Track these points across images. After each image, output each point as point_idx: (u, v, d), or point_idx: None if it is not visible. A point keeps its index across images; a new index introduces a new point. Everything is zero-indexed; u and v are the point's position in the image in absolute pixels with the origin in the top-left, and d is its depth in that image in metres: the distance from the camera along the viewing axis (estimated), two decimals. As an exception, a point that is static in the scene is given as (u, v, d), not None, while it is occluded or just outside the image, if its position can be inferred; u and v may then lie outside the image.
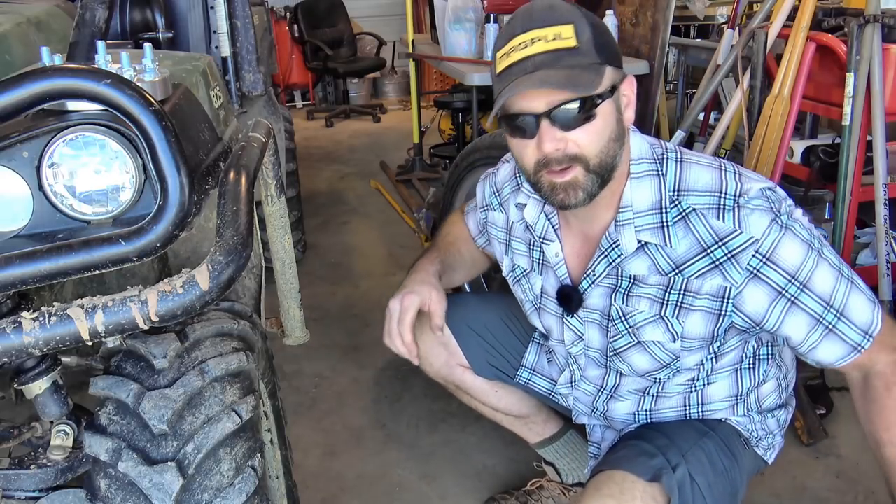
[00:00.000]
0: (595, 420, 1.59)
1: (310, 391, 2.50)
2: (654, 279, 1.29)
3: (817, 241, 1.24)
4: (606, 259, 1.33)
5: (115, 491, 1.07)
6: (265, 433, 1.49)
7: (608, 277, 1.34)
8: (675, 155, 1.30)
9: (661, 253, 1.27)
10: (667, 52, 3.16)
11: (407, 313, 1.47)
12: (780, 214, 1.22)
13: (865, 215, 2.78)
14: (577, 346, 1.47)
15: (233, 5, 2.26)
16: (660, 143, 1.33)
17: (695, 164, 1.29)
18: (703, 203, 1.24)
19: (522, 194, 1.45)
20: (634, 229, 1.27)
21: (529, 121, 1.18)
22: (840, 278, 1.24)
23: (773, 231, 1.20)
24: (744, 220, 1.21)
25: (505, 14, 3.23)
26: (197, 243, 1.47)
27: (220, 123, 1.42)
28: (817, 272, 1.22)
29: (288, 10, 6.75)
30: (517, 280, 1.54)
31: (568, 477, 1.86)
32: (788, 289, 1.22)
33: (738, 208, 1.21)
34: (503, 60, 1.19)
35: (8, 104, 0.90)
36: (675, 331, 1.31)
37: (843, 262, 1.26)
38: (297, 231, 3.43)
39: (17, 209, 1.00)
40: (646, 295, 1.31)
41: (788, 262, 1.21)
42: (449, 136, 4.96)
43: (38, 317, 0.95)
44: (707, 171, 1.27)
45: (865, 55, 2.45)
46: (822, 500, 1.92)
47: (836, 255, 1.25)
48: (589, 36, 1.16)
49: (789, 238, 1.21)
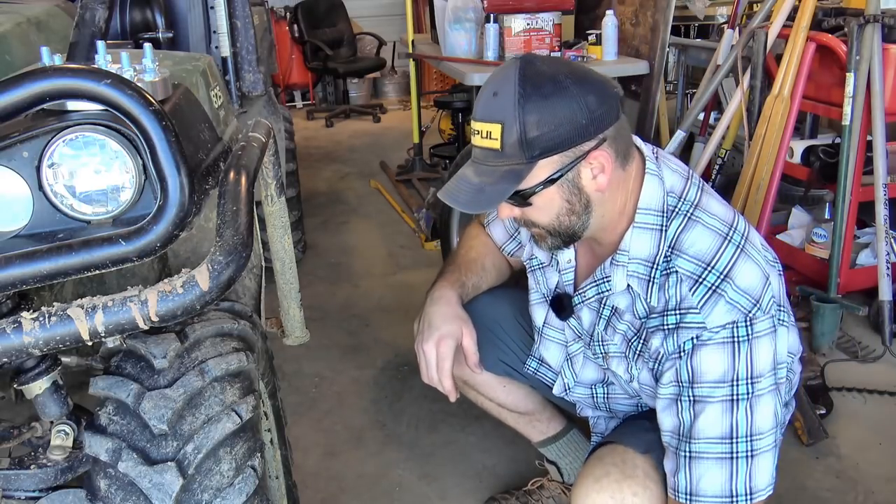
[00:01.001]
0: (599, 412, 1.61)
1: (310, 391, 2.49)
2: (628, 318, 1.33)
3: (767, 381, 1.19)
4: (597, 287, 1.36)
5: (115, 491, 1.07)
6: (265, 433, 1.49)
7: (595, 303, 1.39)
8: (687, 209, 1.27)
9: (641, 300, 1.29)
10: (667, 52, 3.15)
11: (445, 361, 1.47)
12: (751, 323, 1.18)
13: (865, 215, 2.78)
14: (578, 345, 1.49)
15: (233, 5, 2.27)
16: (682, 188, 1.29)
17: (701, 224, 1.25)
18: (687, 271, 1.22)
19: None
20: (626, 273, 1.29)
21: None
22: (744, 438, 1.19)
23: (724, 332, 1.18)
24: (708, 305, 1.19)
25: (505, 14, 3.23)
26: (197, 243, 1.47)
27: (220, 123, 1.42)
28: (717, 408, 1.18)
29: (288, 10, 6.75)
30: (533, 270, 1.56)
31: (570, 476, 1.86)
32: (683, 392, 1.21)
33: (712, 291, 1.20)
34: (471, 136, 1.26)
35: (8, 104, 0.90)
36: (632, 373, 1.35)
37: (769, 426, 1.20)
38: (297, 231, 3.43)
39: (17, 209, 1.00)
40: (620, 330, 1.35)
41: (707, 370, 1.19)
42: (449, 136, 4.96)
43: (38, 317, 0.95)
44: (709, 238, 1.24)
45: (865, 55, 2.45)
46: (822, 500, 1.92)
47: (770, 410, 1.20)
48: (515, 138, 1.16)
49: (732, 351, 1.18)
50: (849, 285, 2.67)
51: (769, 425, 1.20)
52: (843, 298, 2.60)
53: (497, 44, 3.28)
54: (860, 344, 2.62)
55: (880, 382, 2.39)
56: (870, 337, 2.66)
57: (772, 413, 1.20)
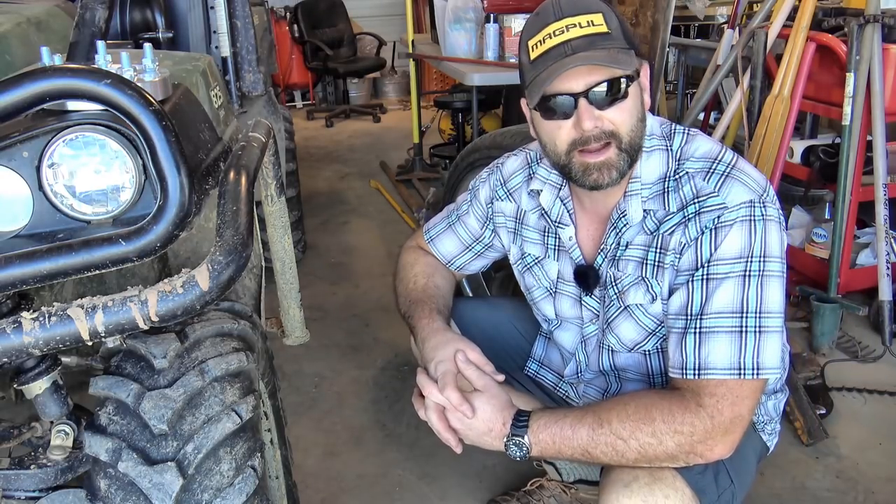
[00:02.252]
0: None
1: (310, 391, 2.50)
2: (640, 239, 1.34)
3: (776, 264, 1.22)
4: (615, 230, 1.37)
5: (115, 491, 1.07)
6: (265, 433, 1.49)
7: (614, 248, 1.39)
8: (683, 129, 1.37)
9: (651, 215, 1.32)
10: (667, 52, 3.15)
11: (445, 377, 1.33)
12: (764, 205, 1.23)
13: (865, 215, 2.78)
14: (593, 326, 1.49)
15: (233, 5, 2.27)
16: (667, 122, 1.39)
17: (699, 136, 1.36)
18: (697, 167, 1.30)
19: (537, 181, 1.50)
20: (641, 199, 1.33)
21: (567, 101, 1.24)
22: (753, 313, 1.21)
23: (744, 210, 1.22)
24: (725, 186, 1.25)
25: (505, 14, 3.24)
26: (197, 243, 1.47)
27: (220, 123, 1.42)
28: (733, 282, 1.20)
29: (288, 10, 6.75)
30: (528, 268, 1.56)
31: (569, 475, 1.85)
32: (697, 272, 1.24)
33: (725, 176, 1.26)
34: (538, 47, 1.24)
35: (8, 104, 0.90)
36: (654, 291, 1.33)
37: (777, 308, 1.22)
38: (297, 231, 3.43)
39: (17, 209, 1.00)
40: (632, 258, 1.36)
41: (728, 248, 1.22)
42: (449, 136, 4.96)
43: (38, 317, 0.95)
44: (710, 143, 1.34)
45: (865, 55, 2.45)
46: (822, 500, 1.92)
47: (778, 294, 1.22)
48: (617, 24, 1.24)
49: (750, 230, 1.22)
50: (849, 285, 2.67)
51: (777, 307, 1.22)
52: (843, 298, 2.60)
53: (497, 44, 3.28)
54: (860, 344, 2.62)
55: (880, 382, 2.39)
56: (870, 337, 2.66)
57: (779, 296, 1.23)
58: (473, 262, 1.67)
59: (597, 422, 1.22)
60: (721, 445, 1.20)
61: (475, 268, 1.70)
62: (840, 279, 2.60)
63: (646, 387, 1.48)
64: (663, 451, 1.20)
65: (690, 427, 1.19)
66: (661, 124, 1.37)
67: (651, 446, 1.20)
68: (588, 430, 1.22)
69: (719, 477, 1.29)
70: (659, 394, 1.26)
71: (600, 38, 1.21)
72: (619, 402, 1.24)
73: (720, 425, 1.19)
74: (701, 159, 1.30)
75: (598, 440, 1.21)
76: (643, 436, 1.19)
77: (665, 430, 1.19)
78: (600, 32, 1.22)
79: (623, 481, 1.26)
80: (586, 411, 1.25)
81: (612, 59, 1.20)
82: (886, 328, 2.55)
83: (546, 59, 1.22)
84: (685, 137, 1.35)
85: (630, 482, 1.25)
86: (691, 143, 1.34)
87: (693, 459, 1.21)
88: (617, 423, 1.21)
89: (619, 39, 1.23)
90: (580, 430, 1.23)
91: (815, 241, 2.78)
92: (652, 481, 1.23)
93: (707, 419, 1.19)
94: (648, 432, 1.19)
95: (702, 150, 1.32)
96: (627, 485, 1.25)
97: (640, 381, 1.49)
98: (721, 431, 1.20)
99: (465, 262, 1.67)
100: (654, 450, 1.20)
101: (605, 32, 1.22)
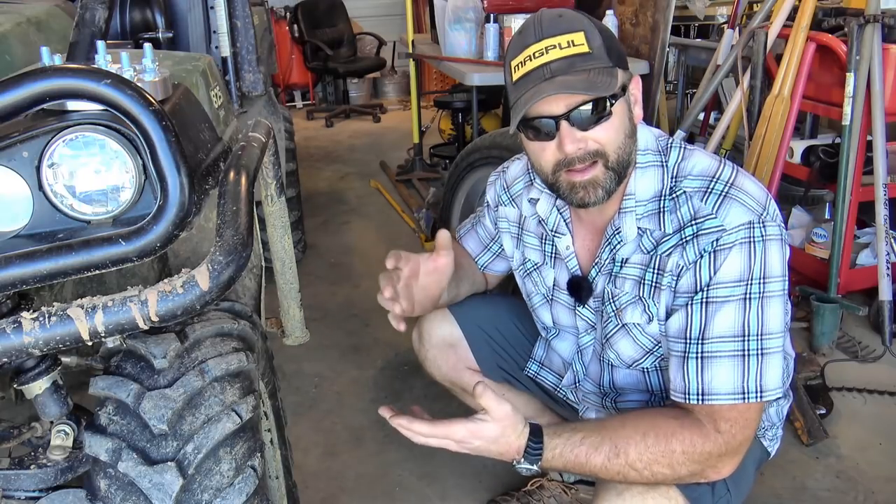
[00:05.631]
0: (605, 413, 1.60)
1: (310, 391, 2.49)
2: (636, 258, 1.33)
3: (777, 283, 1.21)
4: (609, 246, 1.36)
5: (115, 491, 1.07)
6: (265, 433, 1.49)
7: (609, 264, 1.38)
8: (679, 144, 1.34)
9: (648, 235, 1.31)
10: (667, 52, 3.16)
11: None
12: (764, 225, 1.21)
13: (865, 215, 2.78)
14: (589, 336, 1.49)
15: (233, 5, 2.26)
16: (665, 135, 1.37)
17: (698, 151, 1.33)
18: (695, 186, 1.27)
19: (535, 189, 1.49)
20: (635, 217, 1.31)
21: (548, 123, 1.22)
22: (755, 336, 1.20)
23: (742, 232, 1.20)
24: (723, 208, 1.22)
25: (505, 14, 3.23)
26: (197, 243, 1.47)
27: (220, 123, 1.42)
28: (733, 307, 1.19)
29: (288, 10, 6.75)
30: (528, 273, 1.56)
31: (569, 476, 1.86)
32: (696, 296, 1.22)
33: (723, 196, 1.24)
34: (520, 69, 1.23)
35: (8, 104, 0.90)
36: (651, 312, 1.33)
37: (778, 328, 1.21)
38: (297, 231, 3.43)
39: (17, 209, 1.00)
40: (630, 276, 1.34)
41: (727, 271, 1.20)
42: (449, 136, 4.96)
43: (38, 317, 0.95)
44: (707, 159, 1.31)
45: (865, 55, 2.45)
46: (822, 500, 1.92)
47: (780, 313, 1.21)
48: (599, 42, 1.21)
49: (749, 252, 1.19)
50: (849, 285, 2.67)
51: (778, 327, 1.21)
52: (843, 298, 2.60)
53: (497, 44, 3.28)
54: (860, 344, 2.62)
55: (880, 382, 2.39)
56: (870, 337, 2.66)
57: (781, 316, 1.22)
58: (494, 263, 1.69)
59: (613, 451, 1.20)
60: (728, 467, 1.21)
61: (498, 269, 1.70)
62: (840, 279, 2.60)
63: (645, 400, 1.47)
64: (673, 479, 1.20)
65: (708, 456, 1.19)
66: (657, 138, 1.35)
67: (664, 476, 1.20)
68: (603, 458, 1.20)
69: (716, 486, 1.29)
70: (678, 420, 1.22)
71: (580, 60, 1.19)
72: (638, 431, 1.20)
73: (732, 449, 1.20)
74: (698, 177, 1.27)
75: (612, 469, 1.20)
76: (659, 468, 1.19)
77: (683, 460, 1.18)
78: (580, 53, 1.19)
79: (616, 489, 1.26)
80: (603, 439, 1.21)
81: (588, 85, 1.18)
82: (886, 328, 2.55)
83: (527, 82, 1.21)
84: (682, 153, 1.32)
85: (623, 490, 1.25)
86: (688, 159, 1.31)
87: (698, 480, 1.22)
88: (635, 455, 1.19)
89: (601, 58, 1.20)
90: (594, 458, 1.21)
91: (815, 241, 2.78)
92: (645, 490, 1.24)
93: (723, 445, 1.19)
94: (665, 464, 1.18)
95: (699, 168, 1.29)
96: (620, 493, 1.26)
97: (639, 398, 1.49)
98: (731, 454, 1.21)
99: (488, 261, 1.69)
100: (665, 478, 1.20)
101: (585, 53, 1.20)
